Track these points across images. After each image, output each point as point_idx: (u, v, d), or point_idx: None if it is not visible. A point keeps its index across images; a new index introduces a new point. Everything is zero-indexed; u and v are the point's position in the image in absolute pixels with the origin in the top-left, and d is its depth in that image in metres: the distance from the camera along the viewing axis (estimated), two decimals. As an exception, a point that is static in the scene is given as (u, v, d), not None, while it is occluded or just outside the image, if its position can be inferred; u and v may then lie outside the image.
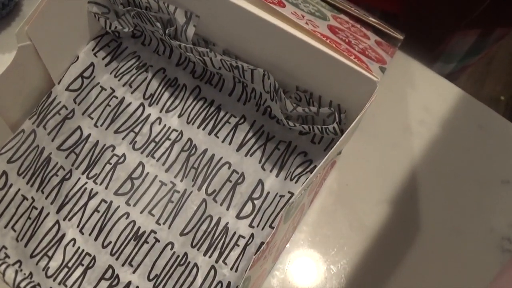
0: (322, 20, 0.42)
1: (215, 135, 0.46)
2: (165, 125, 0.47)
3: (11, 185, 0.43)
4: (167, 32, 0.44)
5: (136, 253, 0.43)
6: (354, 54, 0.38)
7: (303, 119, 0.44)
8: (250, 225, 0.43)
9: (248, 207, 0.44)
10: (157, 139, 0.46)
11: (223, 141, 0.46)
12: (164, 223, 0.43)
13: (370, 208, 0.46)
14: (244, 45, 0.43)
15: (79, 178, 0.45)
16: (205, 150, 0.46)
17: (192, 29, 0.43)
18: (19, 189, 0.43)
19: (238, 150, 0.46)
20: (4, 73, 0.39)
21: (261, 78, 0.42)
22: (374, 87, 0.37)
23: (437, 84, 0.52)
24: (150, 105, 0.48)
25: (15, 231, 0.42)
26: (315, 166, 0.44)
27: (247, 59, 0.44)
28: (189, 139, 0.46)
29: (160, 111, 0.47)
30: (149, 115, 0.47)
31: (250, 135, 0.46)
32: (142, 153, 0.46)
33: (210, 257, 0.42)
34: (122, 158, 0.46)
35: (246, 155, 0.46)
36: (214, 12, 0.42)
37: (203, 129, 0.47)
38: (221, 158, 0.46)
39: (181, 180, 0.45)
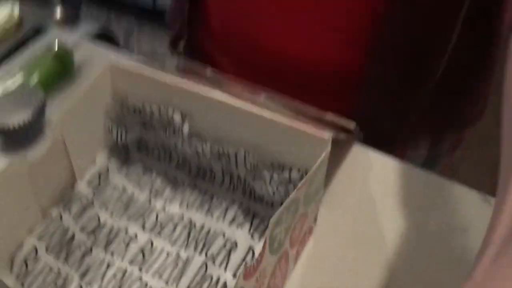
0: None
1: (211, 215, 0.56)
2: (168, 212, 0.57)
3: (40, 258, 0.51)
4: (167, 133, 0.56)
5: None
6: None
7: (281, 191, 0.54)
8: (245, 282, 0.51)
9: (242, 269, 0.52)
10: (163, 223, 0.56)
11: (217, 219, 0.56)
12: (172, 283, 0.51)
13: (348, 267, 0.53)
14: (227, 134, 0.54)
15: (99, 253, 0.53)
16: (203, 226, 0.55)
17: (187, 126, 0.55)
18: (47, 262, 0.51)
19: (230, 224, 0.55)
20: (40, 162, 0.50)
21: (243, 159, 0.53)
22: (328, 145, 0.48)
23: (398, 166, 0.61)
24: (155, 199, 0.58)
25: (43, 299, 0.50)
26: None
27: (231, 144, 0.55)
28: (189, 219, 0.56)
29: (164, 203, 0.57)
30: (155, 206, 0.57)
31: (239, 213, 0.56)
32: (151, 232, 0.55)
33: None
34: (134, 236, 0.54)
35: (237, 228, 0.55)
36: (204, 111, 0.54)
37: (200, 211, 0.56)
38: (216, 230, 0.55)
39: (185, 250, 0.53)
